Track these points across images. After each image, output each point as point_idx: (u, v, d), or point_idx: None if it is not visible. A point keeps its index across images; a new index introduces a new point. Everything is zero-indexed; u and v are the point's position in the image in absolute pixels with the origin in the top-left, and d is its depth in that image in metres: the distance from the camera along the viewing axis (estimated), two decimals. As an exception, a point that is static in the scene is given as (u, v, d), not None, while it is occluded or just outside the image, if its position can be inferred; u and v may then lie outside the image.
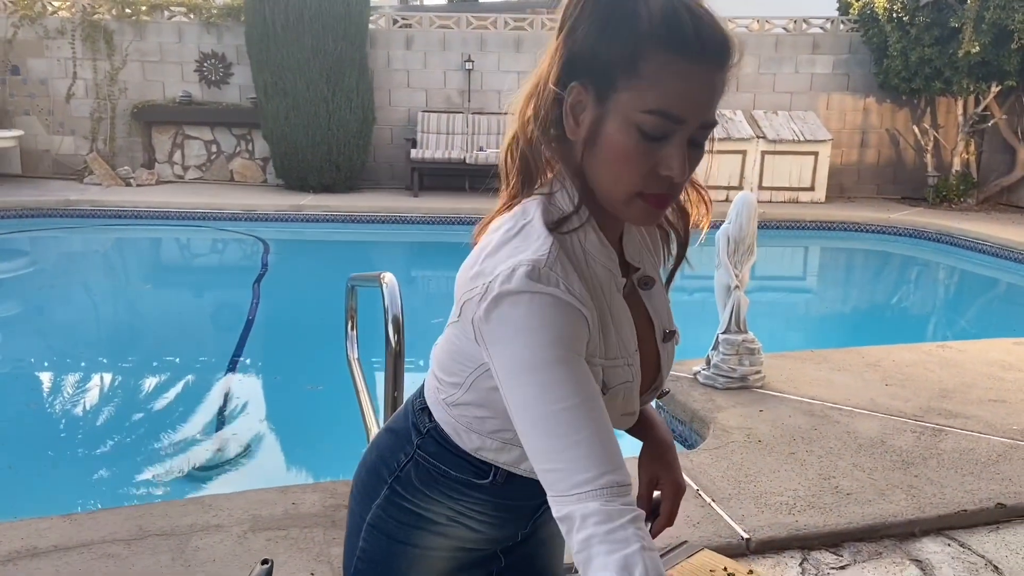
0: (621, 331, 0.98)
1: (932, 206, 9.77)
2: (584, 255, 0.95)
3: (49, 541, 2.42)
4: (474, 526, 1.13)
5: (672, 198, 0.94)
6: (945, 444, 3.26)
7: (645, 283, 1.06)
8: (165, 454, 3.91)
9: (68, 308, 6.52)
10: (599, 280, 0.96)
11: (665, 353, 1.08)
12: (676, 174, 0.89)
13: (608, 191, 0.93)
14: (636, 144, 0.88)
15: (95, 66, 9.90)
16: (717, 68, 0.89)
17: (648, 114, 0.86)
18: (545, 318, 0.87)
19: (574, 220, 0.94)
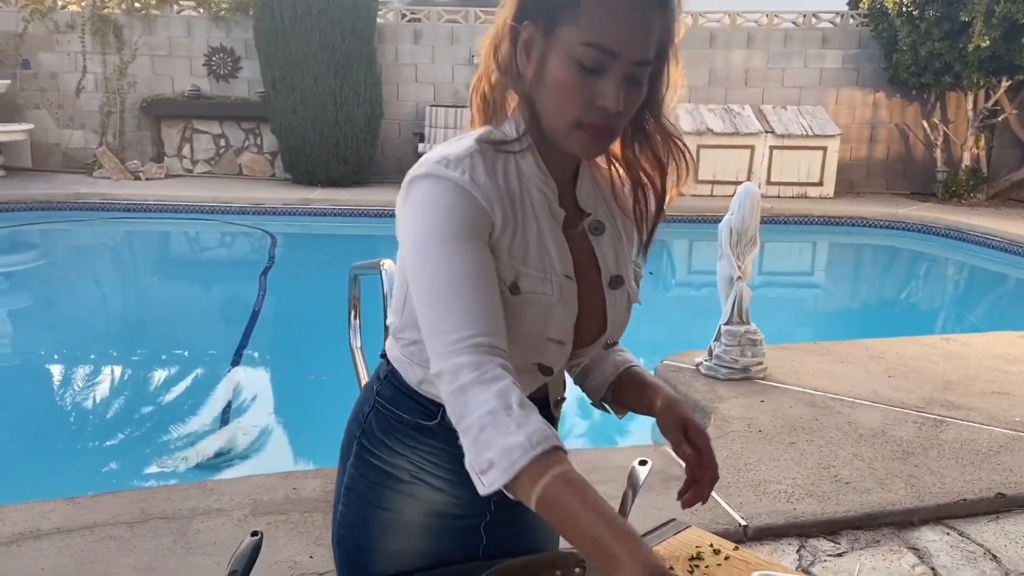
0: (546, 248, 1.04)
1: (941, 201, 9.72)
2: (517, 173, 1.04)
3: (52, 523, 2.45)
4: (436, 483, 1.14)
5: (611, 132, 1.01)
6: (946, 435, 3.26)
7: (595, 228, 1.11)
8: (170, 442, 3.94)
9: (77, 300, 6.57)
10: (530, 197, 1.04)
11: (612, 299, 1.11)
12: (611, 104, 0.96)
13: (552, 122, 1.01)
14: (575, 76, 0.96)
15: (104, 60, 9.95)
16: (654, 8, 0.97)
17: (586, 47, 0.95)
18: (443, 199, 0.97)
19: (513, 145, 1.04)
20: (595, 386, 1.27)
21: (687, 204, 9.16)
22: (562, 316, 1.05)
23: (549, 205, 1.06)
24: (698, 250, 8.77)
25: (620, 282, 1.12)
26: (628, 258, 1.15)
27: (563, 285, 1.05)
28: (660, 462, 2.98)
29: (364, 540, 1.19)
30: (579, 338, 1.10)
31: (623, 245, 1.15)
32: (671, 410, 1.19)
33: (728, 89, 10.26)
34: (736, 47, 10.22)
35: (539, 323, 1.04)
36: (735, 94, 10.25)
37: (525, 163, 1.05)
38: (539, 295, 1.03)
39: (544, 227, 1.05)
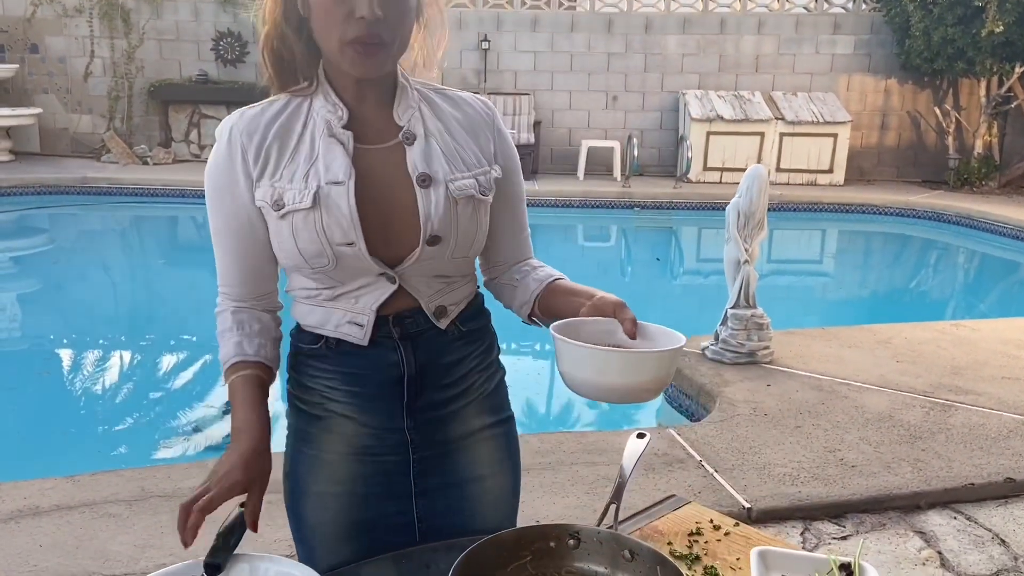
0: (315, 164, 1.12)
1: (953, 189, 9.62)
2: (308, 109, 1.15)
3: (51, 500, 2.44)
4: (342, 411, 1.21)
5: (379, 44, 1.07)
6: (955, 420, 3.22)
7: (407, 137, 1.15)
8: (174, 425, 3.94)
9: (84, 283, 6.58)
10: (313, 126, 1.14)
11: (424, 197, 1.13)
12: (367, 13, 1.03)
13: (327, 48, 1.10)
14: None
15: (112, 44, 9.94)
16: None
17: None
18: (207, 174, 1.17)
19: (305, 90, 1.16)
20: (521, 303, 1.29)
21: (696, 191, 9.11)
22: (327, 220, 1.10)
23: (330, 128, 1.13)
24: (707, 237, 8.72)
25: (429, 181, 1.13)
26: (460, 163, 1.17)
27: (326, 192, 1.10)
28: (663, 444, 2.96)
29: (296, 482, 1.25)
30: (394, 238, 1.13)
31: (452, 150, 1.17)
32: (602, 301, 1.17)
33: (738, 75, 10.17)
34: (747, 32, 10.12)
35: (311, 232, 1.10)
36: (745, 80, 10.16)
37: (316, 100, 1.15)
38: (295, 205, 1.10)
39: (319, 147, 1.12)
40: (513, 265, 1.32)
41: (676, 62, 10.19)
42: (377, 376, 1.19)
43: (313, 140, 1.13)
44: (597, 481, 2.68)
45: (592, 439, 3.04)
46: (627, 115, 10.27)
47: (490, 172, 1.21)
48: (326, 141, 1.13)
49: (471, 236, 1.18)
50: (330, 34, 1.07)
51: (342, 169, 1.11)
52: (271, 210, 1.12)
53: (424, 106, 1.19)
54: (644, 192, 9.06)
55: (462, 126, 1.21)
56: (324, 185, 1.10)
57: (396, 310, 1.17)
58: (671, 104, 10.22)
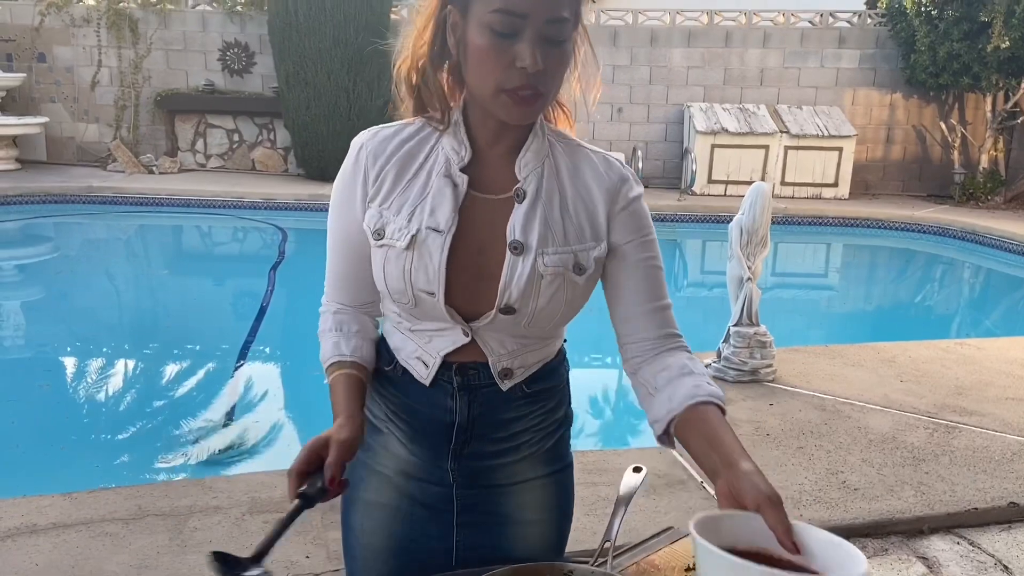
0: (425, 202, 1.10)
1: (958, 204, 9.60)
2: (435, 142, 1.14)
3: (48, 518, 2.43)
4: (398, 435, 1.22)
5: (536, 96, 1.04)
6: (958, 441, 3.20)
7: (518, 195, 1.12)
8: (175, 438, 3.93)
9: (88, 293, 6.58)
10: (434, 160, 1.13)
11: (510, 264, 1.10)
12: (528, 64, 1.00)
13: (479, 93, 1.07)
14: (490, 42, 1.01)
15: (120, 54, 9.98)
16: None
17: (494, 13, 1.00)
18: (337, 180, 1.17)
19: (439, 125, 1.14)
20: (654, 420, 1.12)
21: (701, 204, 9.10)
22: (417, 265, 1.09)
23: (449, 167, 1.11)
24: (711, 250, 8.70)
25: (522, 249, 1.09)
26: (561, 236, 1.11)
27: (422, 236, 1.09)
28: (663, 465, 2.94)
29: (352, 489, 1.25)
30: (475, 296, 1.11)
31: (556, 220, 1.12)
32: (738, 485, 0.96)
33: (743, 88, 10.17)
34: (752, 46, 10.13)
35: (399, 271, 1.10)
36: (750, 93, 10.16)
37: (446, 136, 1.13)
38: (392, 241, 1.10)
39: (433, 186, 1.11)
40: (651, 351, 1.15)
41: (681, 75, 10.20)
42: (430, 414, 1.19)
43: (430, 176, 1.12)
44: (597, 502, 2.66)
45: (592, 459, 3.02)
46: (632, 127, 10.27)
47: (592, 250, 1.13)
48: (441, 181, 1.11)
49: (552, 313, 1.13)
50: (485, 79, 1.04)
51: (445, 217, 1.09)
52: (371, 237, 1.13)
53: (549, 162, 1.14)
54: (648, 204, 8.95)
55: (580, 193, 1.14)
56: (424, 229, 1.09)
57: (463, 359, 1.15)
58: (676, 116, 10.23)
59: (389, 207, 1.12)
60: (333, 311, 1.22)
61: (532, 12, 0.99)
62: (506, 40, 1.01)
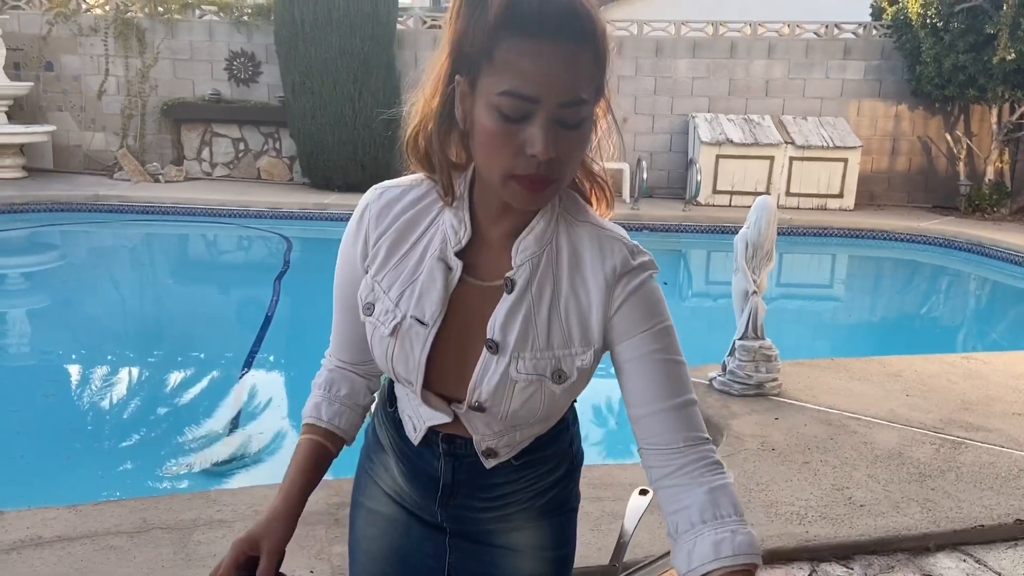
0: (414, 286, 1.05)
1: (964, 215, 9.58)
2: (436, 216, 1.07)
3: (54, 531, 2.43)
4: (393, 464, 1.22)
5: (548, 182, 0.95)
6: (965, 457, 3.18)
7: (508, 286, 1.03)
8: (178, 449, 3.93)
9: (94, 301, 6.60)
10: (431, 239, 1.06)
11: (484, 362, 1.03)
12: (539, 152, 0.91)
13: (486, 174, 0.98)
14: (499, 126, 0.92)
15: (127, 63, 10.03)
16: (569, 44, 0.91)
17: (503, 96, 0.90)
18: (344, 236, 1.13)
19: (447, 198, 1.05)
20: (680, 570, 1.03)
21: (706, 214, 9.10)
22: (398, 353, 1.05)
23: (445, 250, 1.04)
24: (715, 260, 8.70)
25: (497, 349, 1.02)
26: (544, 338, 1.02)
27: (406, 325, 1.04)
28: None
29: (356, 492, 1.30)
30: (452, 386, 1.06)
31: (543, 319, 1.03)
32: None
33: (748, 99, 10.19)
34: (757, 57, 10.15)
35: (381, 351, 1.08)
36: (755, 104, 10.17)
37: (448, 211, 1.06)
38: (378, 322, 1.07)
39: (426, 268, 1.05)
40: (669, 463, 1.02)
41: (686, 85, 10.21)
42: (419, 465, 1.18)
43: (424, 254, 1.06)
44: (602, 517, 2.66)
45: (597, 473, 3.01)
46: (636, 137, 10.29)
47: (578, 357, 1.04)
48: (434, 264, 1.04)
49: (529, 415, 1.06)
50: (493, 163, 0.95)
51: (432, 308, 1.04)
52: (362, 309, 1.09)
53: (550, 249, 1.04)
54: (653, 215, 9.06)
55: (575, 289, 1.04)
56: (408, 318, 1.04)
57: (449, 431, 1.12)
58: (681, 127, 10.24)
59: (381, 280, 1.07)
60: (330, 368, 1.21)
61: (544, 96, 0.90)
62: (515, 125, 0.92)
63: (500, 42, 0.90)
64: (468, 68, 0.95)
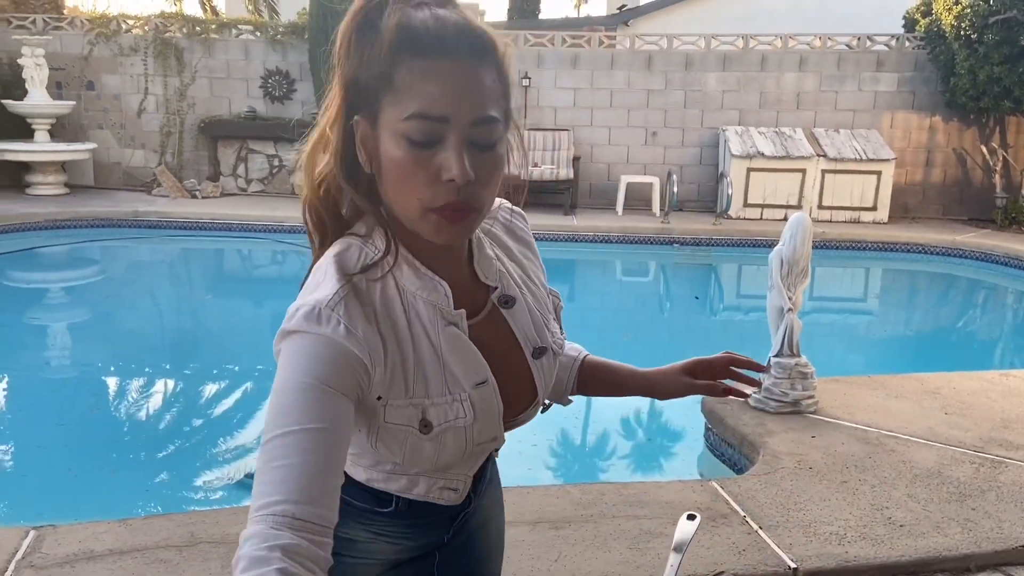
0: (448, 367, 0.97)
1: (1000, 228, 9.47)
2: (399, 293, 0.95)
3: (105, 545, 2.50)
4: (394, 541, 1.14)
5: (469, 209, 0.90)
6: (1005, 477, 3.15)
7: (505, 302, 1.04)
8: (221, 461, 4.01)
9: (133, 316, 6.74)
10: (418, 319, 0.96)
11: (538, 369, 1.08)
12: (456, 175, 0.86)
13: (404, 213, 0.91)
14: (408, 154, 0.87)
15: (165, 82, 10.26)
16: (470, 61, 0.88)
17: (410, 120, 0.86)
18: (308, 353, 0.88)
19: (383, 264, 0.94)
20: (556, 389, 1.26)
21: (737, 228, 9.09)
22: (484, 425, 1.01)
23: (441, 314, 0.97)
24: (747, 274, 8.66)
25: (543, 352, 1.08)
26: (546, 318, 1.10)
27: (477, 398, 0.99)
28: (706, 497, 2.94)
29: None
30: (511, 411, 1.06)
31: (538, 305, 1.10)
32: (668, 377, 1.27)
33: (780, 112, 10.16)
34: (788, 70, 10.12)
35: (461, 442, 1.00)
36: (786, 117, 10.14)
37: (402, 276, 0.96)
38: (451, 423, 0.97)
39: (441, 345, 0.97)
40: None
41: (716, 99, 10.21)
42: (443, 515, 1.15)
43: (430, 337, 0.96)
44: (640, 536, 2.67)
45: (633, 491, 3.03)
46: (667, 151, 10.30)
47: (557, 296, 1.18)
48: (446, 336, 0.97)
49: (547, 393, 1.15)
50: (408, 198, 0.89)
51: (479, 367, 0.99)
52: (418, 430, 0.97)
53: (497, 250, 1.07)
54: (683, 228, 9.06)
55: (527, 260, 1.12)
56: (472, 391, 0.98)
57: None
58: (711, 140, 10.24)
59: (414, 393, 0.96)
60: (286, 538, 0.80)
61: (454, 114, 0.86)
62: (426, 151, 0.87)
63: (399, 66, 0.86)
64: (367, 103, 0.89)
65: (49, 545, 2.48)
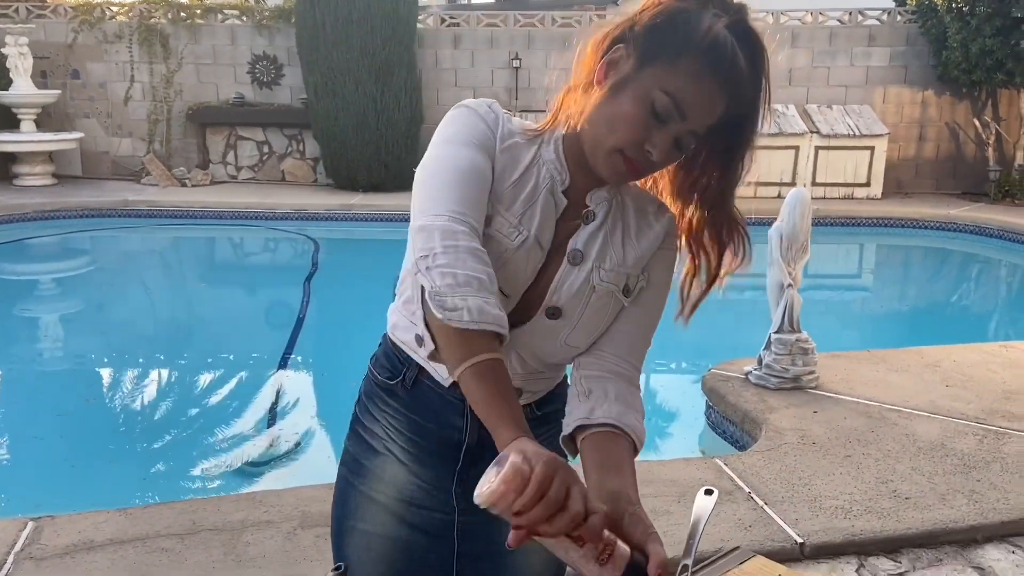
0: (534, 210, 1.09)
1: (994, 202, 9.45)
2: (537, 153, 1.11)
3: (105, 534, 2.47)
4: (400, 455, 1.20)
5: (644, 173, 1.08)
6: (1009, 448, 3.15)
7: (587, 217, 1.13)
8: (218, 449, 3.98)
9: (125, 306, 6.68)
10: (538, 170, 1.10)
11: (566, 271, 1.11)
12: (656, 157, 1.03)
13: (601, 138, 1.05)
14: (642, 114, 1.01)
15: (151, 69, 10.13)
16: (729, 100, 1.02)
17: (666, 94, 1.00)
18: (459, 119, 1.10)
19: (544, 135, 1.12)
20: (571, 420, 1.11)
21: (730, 206, 9.03)
22: (514, 268, 1.08)
23: (552, 186, 1.11)
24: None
25: (581, 259, 1.11)
26: (620, 257, 1.13)
27: (529, 244, 1.08)
28: (710, 474, 2.93)
29: (343, 517, 1.25)
30: (526, 305, 1.11)
31: (618, 243, 1.14)
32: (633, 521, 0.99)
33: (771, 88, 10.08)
34: (779, 45, 10.04)
35: (492, 264, 1.03)
36: (779, 93, 9.95)
37: (546, 151, 1.11)
38: (502, 236, 1.07)
39: (541, 197, 1.10)
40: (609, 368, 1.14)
41: (708, 77, 10.14)
42: (438, 433, 1.19)
43: (538, 184, 1.10)
44: (645, 514, 2.65)
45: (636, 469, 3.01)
46: (659, 130, 10.23)
47: (641, 278, 1.16)
48: (547, 196, 1.10)
49: (594, 328, 1.13)
50: (611, 136, 1.04)
51: (548, 236, 1.11)
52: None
53: (617, 199, 1.15)
54: (678, 208, 9.00)
55: (642, 228, 1.16)
56: (532, 239, 1.09)
57: None
58: (704, 119, 10.17)
59: (500, 196, 1.08)
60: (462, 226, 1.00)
61: (692, 117, 1.01)
62: (654, 122, 1.01)
63: (691, 58, 1.00)
64: (642, 47, 1.02)
65: (48, 536, 2.44)
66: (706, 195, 1.12)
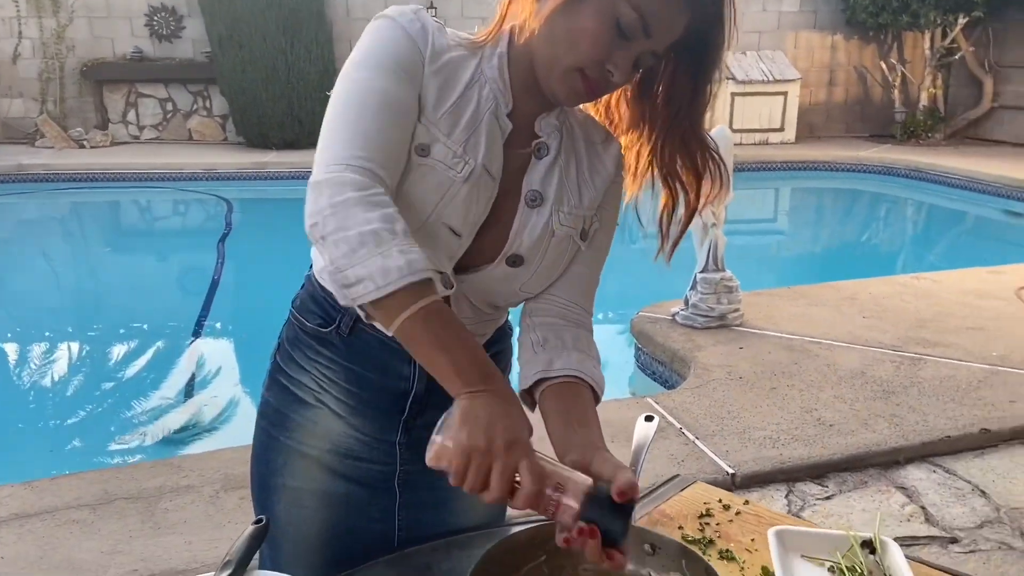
0: (479, 136, 0.98)
1: (900, 142, 9.76)
2: (476, 68, 1.00)
3: (9, 509, 2.31)
4: (336, 407, 1.10)
5: (600, 94, 1.00)
6: (925, 372, 3.25)
7: (539, 149, 1.04)
8: (137, 422, 3.79)
9: (26, 276, 6.30)
10: (479, 91, 1.00)
11: (524, 215, 1.02)
12: (617, 76, 0.95)
13: (559, 55, 0.95)
14: (605, 31, 0.92)
15: (41, 24, 9.47)
16: (692, 15, 0.94)
17: (633, 10, 0.91)
18: (376, 33, 0.97)
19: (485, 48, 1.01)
20: (528, 373, 1.05)
21: (650, 154, 9.08)
22: (463, 202, 0.97)
23: (496, 108, 1.00)
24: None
25: (540, 201, 1.03)
26: (577, 198, 1.05)
27: (477, 174, 0.98)
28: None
29: (268, 474, 1.15)
30: (482, 248, 1.01)
31: (573, 181, 1.05)
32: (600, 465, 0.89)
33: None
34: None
35: (436, 197, 0.97)
36: (694, 40, 10.12)
37: (487, 66, 1.01)
38: (446, 167, 0.97)
39: (484, 122, 0.99)
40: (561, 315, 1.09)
41: (624, 24, 10.10)
42: (382, 383, 1.09)
43: (479, 107, 0.99)
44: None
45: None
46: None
47: (595, 221, 1.08)
48: (491, 121, 1.00)
49: (551, 274, 1.07)
50: (576, 52, 0.93)
51: (498, 164, 1.00)
52: (412, 147, 0.96)
53: (567, 127, 1.06)
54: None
55: (593, 163, 1.08)
56: (479, 167, 0.97)
57: None
58: (621, 67, 10.16)
59: (437, 122, 0.97)
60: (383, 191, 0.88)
61: (656, 36, 0.93)
62: (618, 40, 0.92)
63: None
64: None
65: (-56, 515, 2.27)
66: (676, 121, 1.02)
